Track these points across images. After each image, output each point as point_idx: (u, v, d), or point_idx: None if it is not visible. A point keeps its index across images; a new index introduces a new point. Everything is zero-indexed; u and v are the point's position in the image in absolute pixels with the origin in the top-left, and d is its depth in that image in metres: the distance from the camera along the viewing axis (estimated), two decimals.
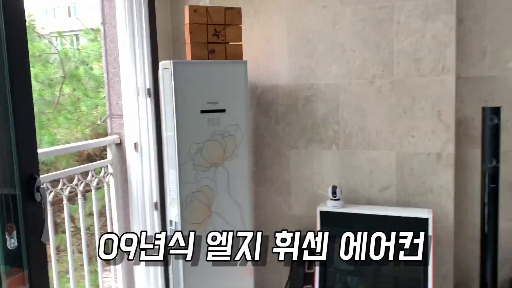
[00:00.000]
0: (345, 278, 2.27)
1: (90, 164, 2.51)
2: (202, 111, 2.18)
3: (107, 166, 2.58)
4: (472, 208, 2.32)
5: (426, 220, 2.11)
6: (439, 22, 2.16)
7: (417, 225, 2.11)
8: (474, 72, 2.26)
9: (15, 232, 1.55)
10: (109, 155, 2.61)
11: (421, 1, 2.18)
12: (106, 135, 2.70)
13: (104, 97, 5.37)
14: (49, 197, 2.13)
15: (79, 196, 2.36)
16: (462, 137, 2.31)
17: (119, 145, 2.63)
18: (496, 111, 2.02)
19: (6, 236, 1.54)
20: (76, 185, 2.33)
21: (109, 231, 2.61)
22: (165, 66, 2.15)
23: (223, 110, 2.22)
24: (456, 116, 2.24)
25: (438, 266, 2.25)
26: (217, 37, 2.21)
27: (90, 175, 2.44)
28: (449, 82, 2.18)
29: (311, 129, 2.45)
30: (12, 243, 1.55)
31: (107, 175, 2.58)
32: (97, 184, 2.48)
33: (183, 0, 2.63)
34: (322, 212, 2.30)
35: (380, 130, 2.33)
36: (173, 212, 2.24)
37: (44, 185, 1.96)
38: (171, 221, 2.27)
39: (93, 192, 2.48)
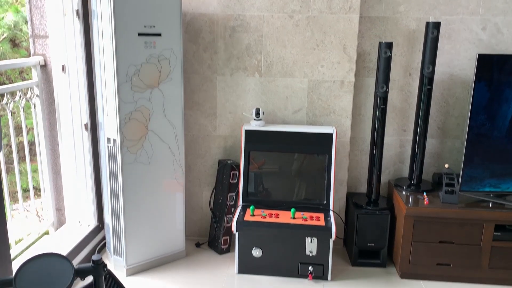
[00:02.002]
0: (263, 184, 2.69)
1: (15, 84, 2.47)
2: (140, 34, 2.30)
3: (32, 88, 2.57)
4: (363, 126, 2.87)
5: (331, 134, 2.58)
6: None
7: (325, 138, 2.58)
8: (372, 12, 2.71)
9: None
10: (34, 76, 2.59)
11: None
12: None
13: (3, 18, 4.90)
14: None
15: (9, 115, 2.36)
16: (359, 68, 2.79)
17: (44, 66, 2.62)
18: (389, 45, 2.50)
19: None
20: (6, 104, 2.32)
21: (37, 149, 2.65)
22: None
23: (159, 34, 2.36)
24: (356, 49, 2.68)
25: (336, 174, 2.79)
26: None
27: (18, 95, 2.43)
28: (354, 20, 2.60)
29: (237, 58, 2.72)
30: None
31: (33, 96, 2.58)
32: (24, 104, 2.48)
33: None
34: (246, 131, 2.64)
35: (296, 60, 2.69)
36: (111, 130, 2.38)
37: None
38: (108, 138, 2.41)
39: (22, 112, 2.48)
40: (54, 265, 1.53)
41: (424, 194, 2.61)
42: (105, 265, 1.60)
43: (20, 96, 2.44)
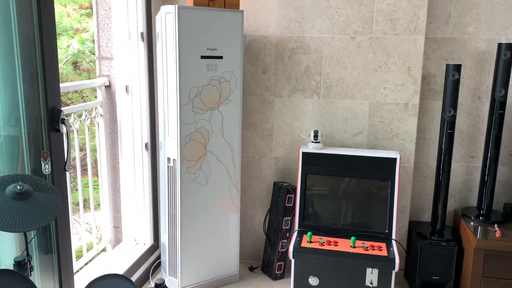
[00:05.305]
0: (322, 206, 2.61)
1: (82, 104, 2.57)
2: (202, 57, 2.33)
3: (96, 107, 2.66)
4: (428, 151, 2.73)
5: (395, 159, 2.47)
6: None
7: (387, 163, 2.47)
8: (439, 33, 2.60)
9: (49, 159, 1.66)
10: (99, 96, 2.67)
11: None
12: None
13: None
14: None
15: (75, 134, 2.44)
16: (424, 90, 2.67)
17: (108, 87, 2.70)
18: (457, 68, 2.38)
19: (42, 162, 1.65)
20: (73, 123, 2.40)
21: (99, 167, 2.72)
22: (168, 10, 2.24)
23: (221, 57, 2.38)
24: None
25: (398, 200, 2.65)
26: None
27: (84, 115, 2.51)
28: (419, 41, 2.50)
29: (295, 80, 2.69)
30: (47, 169, 1.66)
31: (97, 116, 2.66)
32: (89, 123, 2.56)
33: None
34: (304, 153, 2.58)
35: (357, 82, 2.62)
36: (172, 150, 2.40)
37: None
38: (168, 158, 2.43)
39: (86, 131, 2.56)
40: (118, 286, 1.53)
41: (496, 226, 2.42)
42: None
43: (86, 116, 2.53)
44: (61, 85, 2.06)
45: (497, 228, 2.39)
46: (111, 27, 2.62)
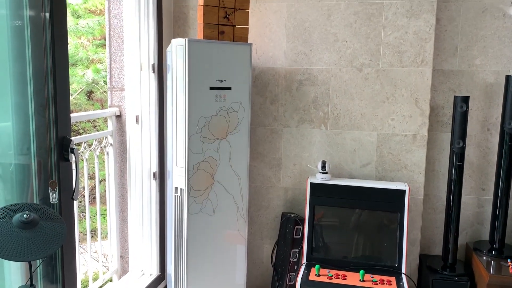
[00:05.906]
0: (330, 238, 2.57)
1: (93, 134, 2.61)
2: (211, 88, 2.36)
3: (106, 137, 2.69)
4: (437, 183, 2.70)
5: (403, 191, 2.44)
6: (421, 21, 2.48)
7: (396, 195, 2.45)
8: (446, 65, 2.62)
9: (57, 188, 1.68)
10: (110, 126, 2.72)
11: (407, 1, 2.48)
12: None
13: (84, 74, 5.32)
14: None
15: (85, 163, 2.47)
16: (432, 122, 2.67)
17: (119, 117, 2.75)
18: (465, 100, 2.38)
19: (50, 191, 1.66)
20: (83, 152, 2.43)
21: (107, 196, 2.73)
22: (179, 43, 2.30)
23: (229, 88, 2.42)
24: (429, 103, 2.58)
25: (408, 233, 2.61)
26: (227, 19, 2.39)
27: (94, 144, 2.55)
28: (427, 73, 2.52)
29: (303, 110, 2.71)
30: (54, 198, 1.67)
31: (107, 145, 2.69)
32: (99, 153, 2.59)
33: None
34: (312, 184, 2.57)
35: (364, 113, 2.63)
36: (179, 180, 2.41)
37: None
38: (176, 188, 2.44)
39: (96, 160, 2.59)
40: None
41: (509, 261, 2.36)
42: None
43: (96, 145, 2.56)
44: (73, 115, 2.11)
45: (510, 263, 2.32)
46: (123, 59, 2.69)
